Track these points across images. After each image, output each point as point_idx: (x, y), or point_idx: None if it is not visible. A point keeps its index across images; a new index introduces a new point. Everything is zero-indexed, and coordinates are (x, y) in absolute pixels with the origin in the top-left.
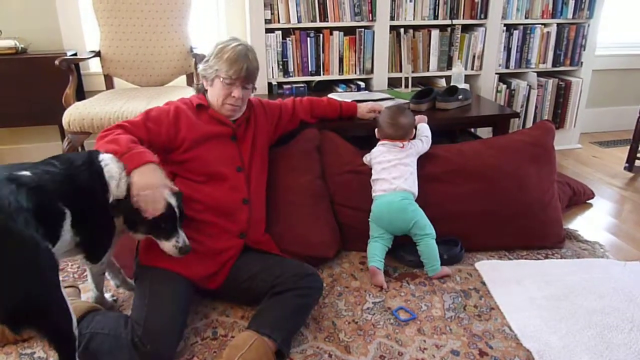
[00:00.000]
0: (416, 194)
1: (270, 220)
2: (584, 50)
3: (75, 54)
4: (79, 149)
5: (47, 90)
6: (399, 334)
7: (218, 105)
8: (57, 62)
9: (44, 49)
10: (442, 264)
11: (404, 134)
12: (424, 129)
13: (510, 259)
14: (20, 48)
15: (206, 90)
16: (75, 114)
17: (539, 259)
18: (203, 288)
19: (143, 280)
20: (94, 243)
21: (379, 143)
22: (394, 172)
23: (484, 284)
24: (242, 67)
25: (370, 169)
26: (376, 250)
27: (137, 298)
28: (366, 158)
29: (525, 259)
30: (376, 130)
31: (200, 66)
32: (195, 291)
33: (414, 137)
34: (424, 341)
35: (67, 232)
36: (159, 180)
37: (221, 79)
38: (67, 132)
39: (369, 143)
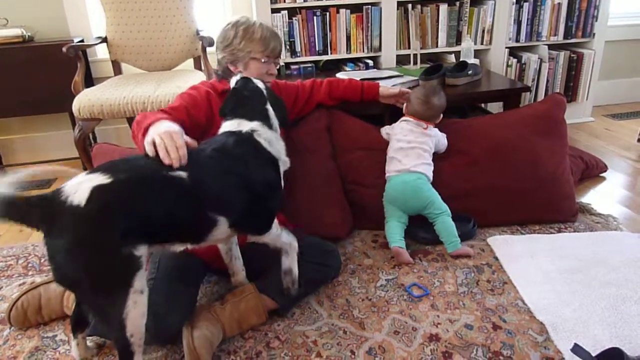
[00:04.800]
0: (430, 178)
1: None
2: (596, 21)
3: (82, 41)
4: (90, 136)
5: (55, 78)
6: (413, 309)
7: None
8: (64, 49)
9: (50, 37)
10: None
11: (433, 115)
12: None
13: (522, 233)
14: (27, 36)
15: (229, 76)
16: (85, 100)
17: (551, 233)
18: (218, 268)
19: (156, 255)
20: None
21: (402, 119)
22: (411, 154)
23: (496, 259)
24: (276, 44)
25: (388, 143)
26: (395, 230)
27: (147, 272)
28: (385, 130)
29: (538, 233)
30: (404, 105)
31: (223, 52)
32: (211, 271)
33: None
34: (438, 316)
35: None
36: (178, 129)
37: (258, 58)
38: (78, 119)
39: (378, 122)
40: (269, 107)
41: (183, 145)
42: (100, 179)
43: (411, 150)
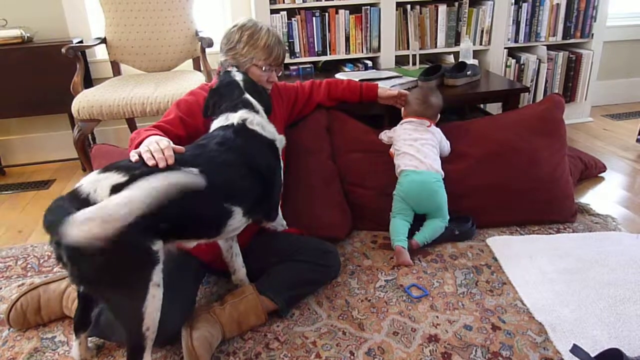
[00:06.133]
0: (443, 175)
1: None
2: (595, 21)
3: (81, 42)
4: (89, 136)
5: (54, 79)
6: (412, 310)
7: None
8: (63, 50)
9: (49, 38)
10: (453, 240)
11: (432, 114)
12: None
13: (521, 234)
14: (26, 37)
15: None
16: (84, 101)
17: (550, 233)
18: (217, 268)
19: None
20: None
21: (404, 121)
22: (423, 150)
23: (495, 259)
24: (280, 53)
25: (388, 145)
26: (400, 229)
27: None
28: (385, 134)
29: (537, 233)
30: (403, 109)
31: (225, 55)
32: (210, 271)
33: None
34: (437, 317)
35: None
36: (165, 138)
37: (259, 66)
38: (77, 120)
39: (378, 122)
40: (247, 96)
41: (169, 146)
42: (117, 177)
43: (422, 147)
